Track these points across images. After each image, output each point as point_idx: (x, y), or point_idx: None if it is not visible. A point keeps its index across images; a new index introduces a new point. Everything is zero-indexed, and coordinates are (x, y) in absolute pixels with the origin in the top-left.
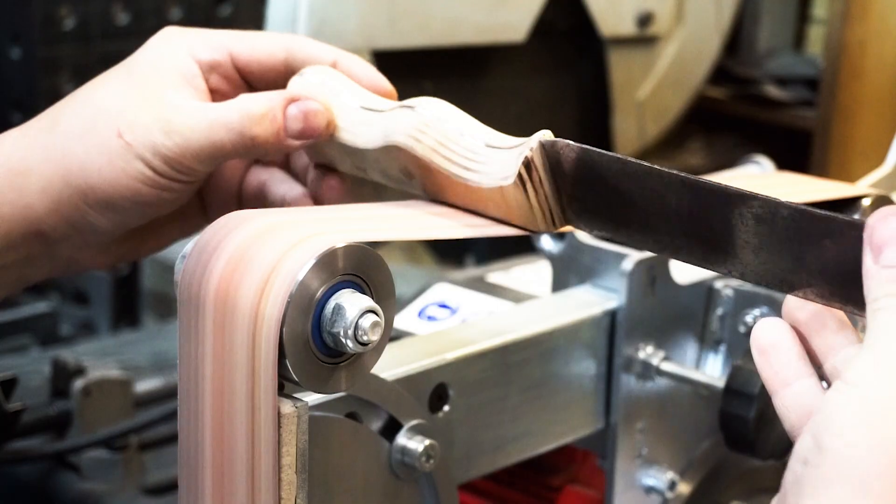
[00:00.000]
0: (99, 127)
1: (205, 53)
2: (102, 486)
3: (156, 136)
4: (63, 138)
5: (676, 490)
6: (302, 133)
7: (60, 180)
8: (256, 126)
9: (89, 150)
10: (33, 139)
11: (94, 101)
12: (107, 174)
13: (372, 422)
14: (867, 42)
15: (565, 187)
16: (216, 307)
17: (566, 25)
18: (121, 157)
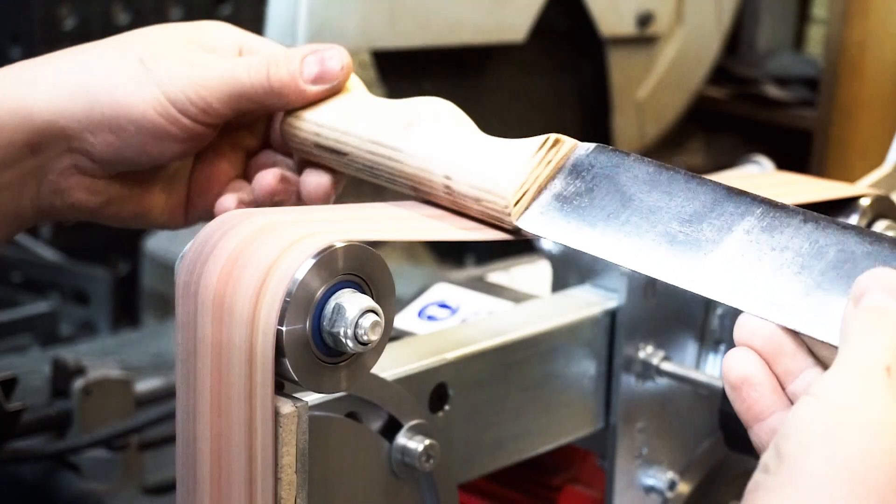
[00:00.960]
0: (123, 54)
1: (251, 45)
2: (102, 486)
3: (177, 67)
4: (85, 59)
5: (676, 490)
6: (318, 76)
7: (70, 93)
8: (273, 65)
9: (108, 71)
10: (56, 58)
11: (125, 37)
12: (120, 93)
13: (372, 422)
14: (867, 42)
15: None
16: (214, 306)
17: (566, 25)
18: (138, 80)
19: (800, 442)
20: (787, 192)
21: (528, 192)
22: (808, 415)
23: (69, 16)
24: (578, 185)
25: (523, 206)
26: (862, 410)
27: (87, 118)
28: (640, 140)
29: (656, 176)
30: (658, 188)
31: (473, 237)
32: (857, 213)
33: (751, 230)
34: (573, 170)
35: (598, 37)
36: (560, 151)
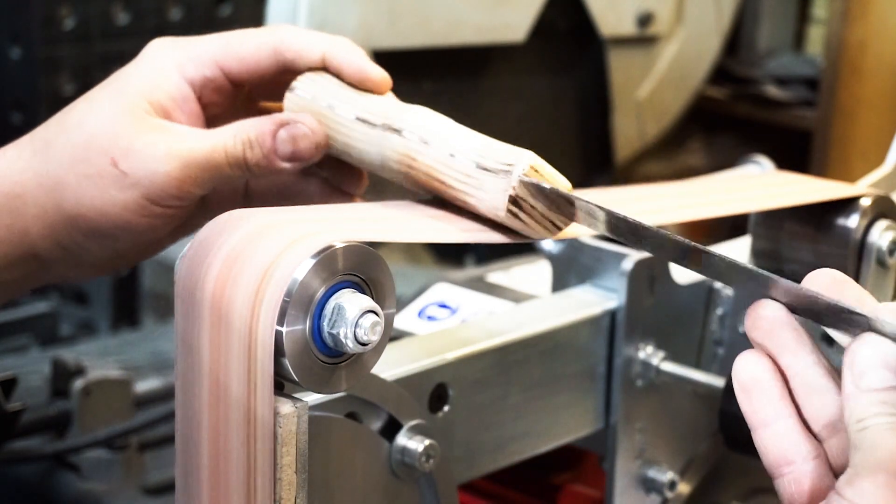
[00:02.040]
0: (92, 155)
1: (195, 71)
2: (102, 486)
3: (153, 163)
4: (56, 166)
5: (676, 490)
6: (292, 156)
7: (54, 208)
8: (249, 151)
9: (81, 181)
10: (27, 163)
11: (86, 128)
12: (99, 204)
13: (372, 422)
14: (867, 42)
15: (559, 202)
16: (213, 306)
17: (566, 25)
18: (115, 187)
19: None
20: (788, 192)
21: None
22: None
23: (69, 16)
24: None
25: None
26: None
27: (75, 230)
28: (640, 140)
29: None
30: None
31: (474, 239)
32: (857, 213)
33: None
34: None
35: (598, 37)
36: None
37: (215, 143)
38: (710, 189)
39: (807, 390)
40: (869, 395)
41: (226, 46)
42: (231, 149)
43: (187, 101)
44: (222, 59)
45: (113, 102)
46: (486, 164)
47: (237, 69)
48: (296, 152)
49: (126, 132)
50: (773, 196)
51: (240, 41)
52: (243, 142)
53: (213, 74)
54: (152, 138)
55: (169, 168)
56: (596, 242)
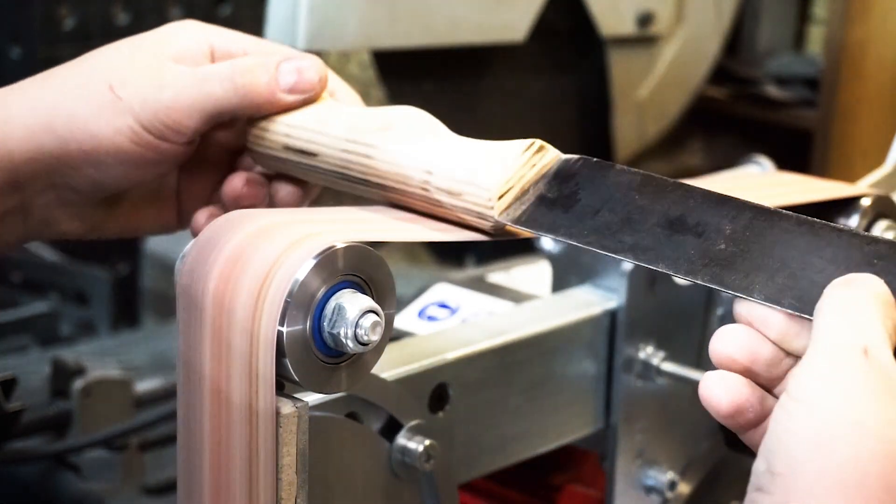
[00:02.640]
0: (92, 81)
1: (222, 44)
2: (102, 486)
3: (147, 91)
4: (53, 91)
5: (676, 490)
6: (295, 86)
7: (44, 129)
8: (248, 74)
9: (78, 102)
10: (23, 91)
11: (91, 60)
12: (93, 126)
13: (372, 422)
14: (867, 42)
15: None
16: (214, 307)
17: (566, 25)
18: (110, 110)
19: (789, 456)
20: (788, 192)
21: (513, 189)
22: (792, 423)
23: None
24: (562, 189)
25: (506, 203)
26: (844, 411)
27: (64, 153)
28: (640, 140)
29: (642, 184)
30: (644, 195)
31: (473, 237)
32: (857, 213)
33: (740, 228)
34: (557, 176)
35: (598, 37)
36: (544, 158)
37: (208, 72)
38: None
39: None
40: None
41: (251, 44)
42: (227, 76)
43: (203, 57)
44: (251, 50)
45: (126, 44)
46: (469, 199)
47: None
48: (299, 82)
49: (128, 65)
50: (773, 196)
51: (259, 44)
52: (241, 69)
53: (239, 54)
54: (151, 70)
55: (161, 94)
56: None
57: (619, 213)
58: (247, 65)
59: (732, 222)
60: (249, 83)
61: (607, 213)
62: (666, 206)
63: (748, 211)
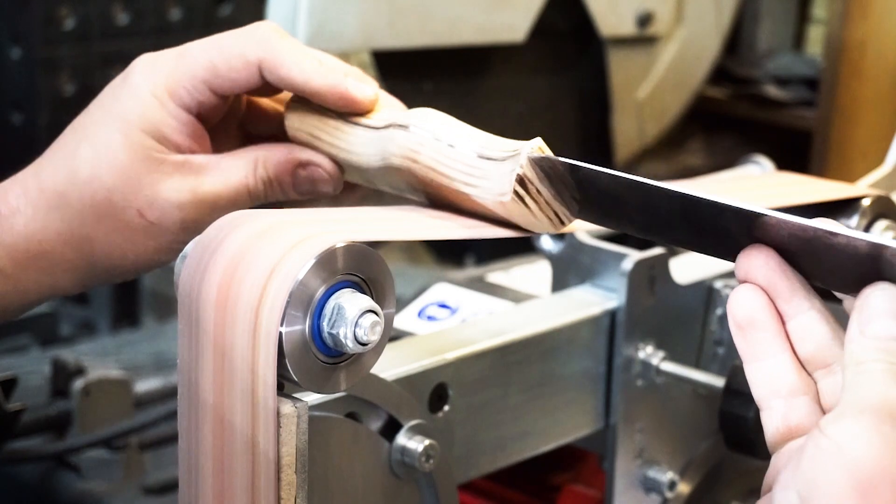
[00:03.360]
0: (116, 210)
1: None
2: (102, 486)
3: (181, 212)
4: (79, 224)
5: (676, 490)
6: (309, 193)
7: (84, 262)
8: (269, 189)
9: (110, 235)
10: (46, 219)
11: (103, 181)
12: (132, 255)
13: (372, 422)
14: (867, 42)
15: (566, 191)
16: (216, 307)
17: (566, 25)
18: (145, 237)
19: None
20: (787, 192)
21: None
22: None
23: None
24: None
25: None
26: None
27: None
28: (639, 140)
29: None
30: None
31: (475, 235)
32: (857, 213)
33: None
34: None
35: (598, 37)
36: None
37: (237, 183)
38: (710, 189)
39: (802, 333)
40: (872, 341)
41: (213, 70)
42: (253, 188)
43: (189, 125)
44: (212, 82)
45: (120, 145)
46: (488, 153)
47: (227, 89)
48: (313, 192)
49: (147, 181)
50: (772, 196)
51: (223, 59)
52: (264, 181)
53: (204, 98)
54: (175, 184)
55: (197, 215)
56: (596, 242)
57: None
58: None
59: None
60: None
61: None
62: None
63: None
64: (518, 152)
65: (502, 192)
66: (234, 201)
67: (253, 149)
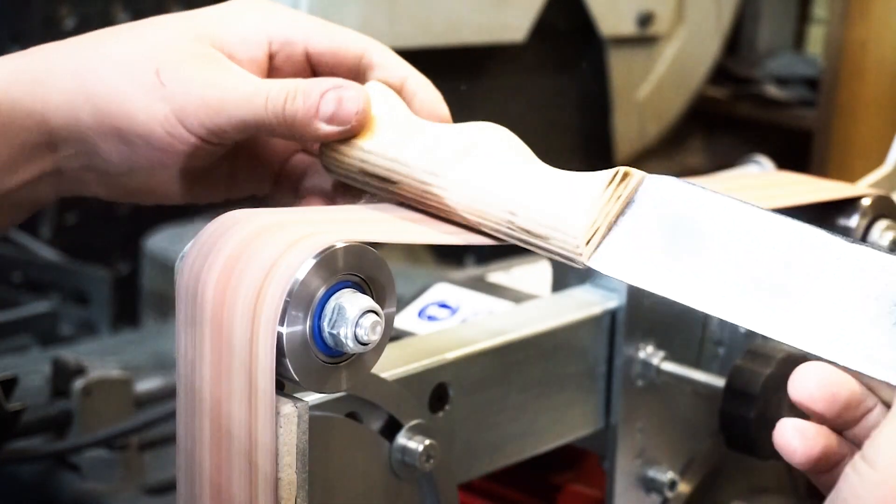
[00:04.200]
0: (138, 59)
1: (280, 31)
2: (102, 486)
3: (193, 85)
4: (99, 59)
5: (676, 490)
6: (332, 117)
7: (82, 97)
8: (290, 101)
9: (121, 79)
10: (67, 52)
11: (143, 31)
12: (129, 106)
13: (372, 422)
14: (867, 42)
15: None
16: (215, 306)
17: (566, 25)
18: (150, 94)
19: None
20: (788, 192)
21: (599, 230)
22: (866, 490)
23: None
24: (650, 221)
25: (594, 245)
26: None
27: (98, 126)
28: (640, 140)
29: (733, 211)
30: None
31: (475, 241)
32: (857, 213)
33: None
34: (643, 205)
35: (598, 37)
36: (629, 185)
37: (258, 86)
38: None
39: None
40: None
41: (320, 26)
42: (273, 94)
43: (257, 51)
44: (311, 40)
45: (183, 20)
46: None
47: (321, 49)
48: (337, 113)
49: (180, 49)
50: (773, 196)
51: (331, 33)
52: (287, 90)
53: (296, 41)
54: (202, 63)
55: (206, 94)
56: None
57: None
58: (294, 87)
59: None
60: (290, 108)
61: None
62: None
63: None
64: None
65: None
66: (248, 101)
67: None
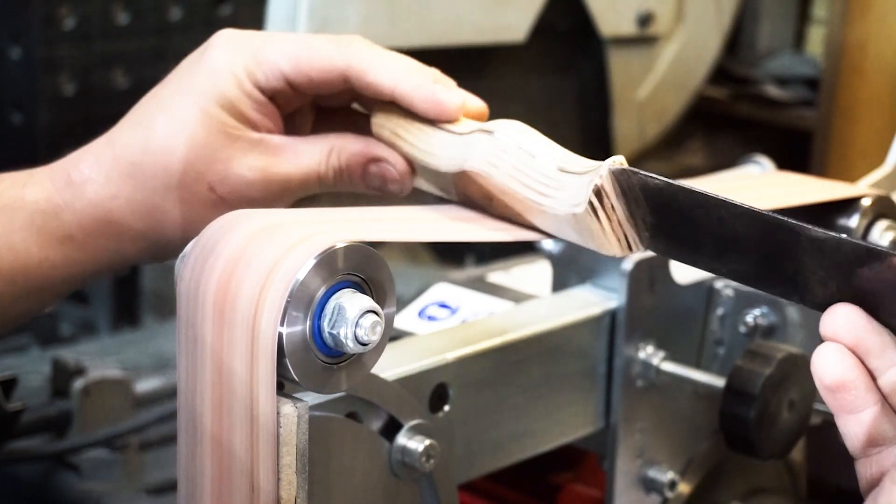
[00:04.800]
0: (188, 182)
1: (265, 81)
2: (102, 486)
3: (250, 191)
4: (150, 193)
5: (676, 490)
6: (377, 189)
7: (152, 232)
8: (339, 178)
9: (179, 206)
10: (117, 188)
11: (178, 152)
12: (200, 227)
13: (372, 422)
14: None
15: (638, 213)
16: (216, 307)
17: (566, 25)
18: (213, 211)
19: None
20: (788, 192)
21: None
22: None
23: (69, 16)
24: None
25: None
26: None
27: (174, 246)
28: (640, 140)
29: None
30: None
31: (473, 238)
32: (857, 213)
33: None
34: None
35: (598, 37)
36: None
37: (309, 168)
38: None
39: (894, 387)
40: None
41: (296, 65)
42: (323, 175)
43: (263, 105)
44: (290, 74)
45: (197, 118)
46: (568, 168)
47: (305, 87)
48: (382, 187)
49: (221, 156)
50: (773, 196)
51: (308, 58)
52: (335, 170)
53: (281, 87)
54: (249, 162)
55: (266, 194)
56: None
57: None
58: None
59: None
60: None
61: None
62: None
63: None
64: (598, 166)
65: (577, 202)
66: (303, 185)
67: (329, 137)
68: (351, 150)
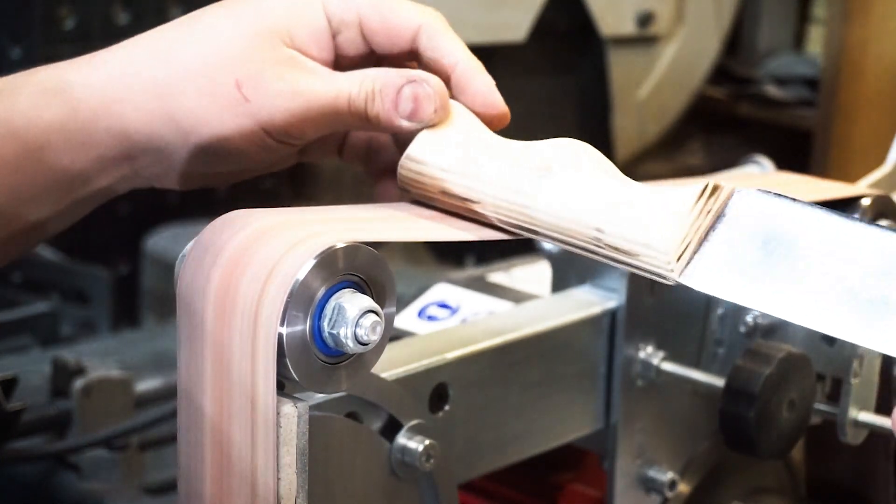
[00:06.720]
0: (216, 71)
1: (336, 14)
2: (102, 486)
3: (277, 98)
4: (174, 73)
5: (676, 490)
6: (411, 115)
7: (164, 116)
8: (371, 103)
9: (201, 94)
10: (141, 65)
11: (218, 41)
12: (214, 124)
13: (372, 422)
14: (867, 42)
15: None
16: (216, 307)
17: (566, 25)
18: (234, 111)
19: None
20: (788, 192)
21: (690, 245)
22: None
23: (69, 16)
24: (741, 235)
25: (685, 261)
26: None
27: (181, 142)
28: (640, 140)
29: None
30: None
31: (474, 237)
32: (857, 213)
33: None
34: (733, 218)
35: (598, 37)
36: (719, 198)
37: (340, 89)
38: None
39: None
40: None
41: (372, 9)
42: (355, 97)
43: (323, 37)
44: (364, 21)
45: (251, 21)
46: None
47: (372, 33)
48: (416, 111)
49: (257, 57)
50: None
51: (383, 11)
52: (367, 93)
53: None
54: (282, 71)
55: (291, 105)
56: None
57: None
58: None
59: None
60: (371, 108)
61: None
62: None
63: None
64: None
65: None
66: (332, 105)
67: (367, 69)
68: (387, 74)
